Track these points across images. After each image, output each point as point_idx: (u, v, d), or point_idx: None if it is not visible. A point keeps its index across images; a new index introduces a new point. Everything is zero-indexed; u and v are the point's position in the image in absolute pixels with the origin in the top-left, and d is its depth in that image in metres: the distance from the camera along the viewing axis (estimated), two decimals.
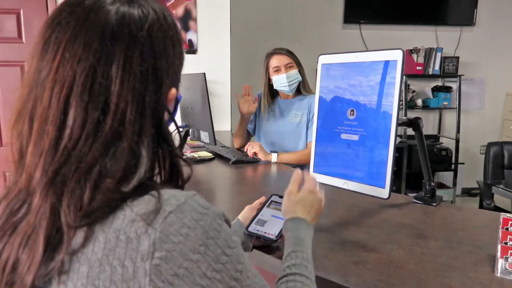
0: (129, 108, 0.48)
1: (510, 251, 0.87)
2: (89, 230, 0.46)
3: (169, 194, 0.48)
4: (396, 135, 0.95)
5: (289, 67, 2.08)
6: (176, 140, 0.57)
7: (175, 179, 0.56)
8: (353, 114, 1.03)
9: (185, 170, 0.57)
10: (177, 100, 0.58)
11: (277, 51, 2.11)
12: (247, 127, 2.32)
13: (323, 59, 1.12)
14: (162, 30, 0.53)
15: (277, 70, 2.09)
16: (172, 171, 0.55)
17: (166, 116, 0.55)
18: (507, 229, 0.90)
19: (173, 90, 0.56)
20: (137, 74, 0.49)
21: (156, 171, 0.54)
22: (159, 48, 0.52)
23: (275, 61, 2.09)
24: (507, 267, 0.85)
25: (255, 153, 2.00)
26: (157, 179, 0.54)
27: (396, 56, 0.94)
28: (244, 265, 0.51)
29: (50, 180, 0.47)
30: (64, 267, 0.46)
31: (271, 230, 0.94)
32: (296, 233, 0.76)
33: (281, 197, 1.04)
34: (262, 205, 1.02)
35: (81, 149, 0.47)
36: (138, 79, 0.49)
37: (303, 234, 0.76)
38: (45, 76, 0.48)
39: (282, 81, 2.08)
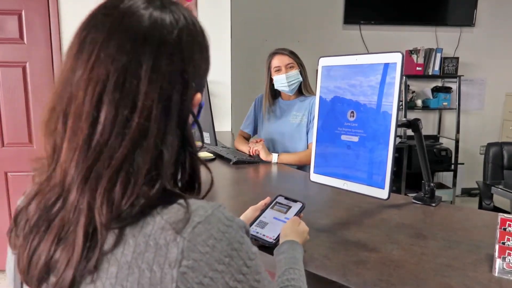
0: (155, 105, 0.50)
1: (508, 251, 0.88)
2: (120, 232, 0.48)
3: (197, 204, 0.51)
4: (396, 136, 0.96)
5: (290, 67, 2.09)
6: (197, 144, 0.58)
7: (193, 184, 0.57)
8: (353, 116, 1.04)
9: (207, 177, 0.59)
10: (200, 106, 0.60)
11: (279, 51, 2.12)
12: (247, 130, 2.35)
13: (324, 61, 1.13)
14: (191, 35, 0.55)
15: (278, 70, 2.10)
16: (192, 175, 0.56)
17: (190, 119, 0.56)
18: (504, 229, 0.92)
19: (198, 95, 0.57)
20: (165, 75, 0.51)
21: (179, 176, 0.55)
22: (187, 52, 0.54)
23: (276, 61, 2.11)
24: (505, 267, 0.86)
25: (256, 150, 2.02)
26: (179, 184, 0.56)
27: (396, 58, 0.95)
28: (262, 275, 0.53)
29: (84, 176, 0.48)
30: (96, 266, 0.47)
31: (270, 233, 0.95)
32: (292, 254, 0.83)
33: (286, 198, 1.05)
34: (266, 206, 1.03)
35: (112, 145, 0.48)
36: (166, 80, 0.51)
37: (298, 255, 0.84)
38: (80, 75, 0.50)
39: (282, 81, 2.10)
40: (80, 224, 0.48)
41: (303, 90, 2.16)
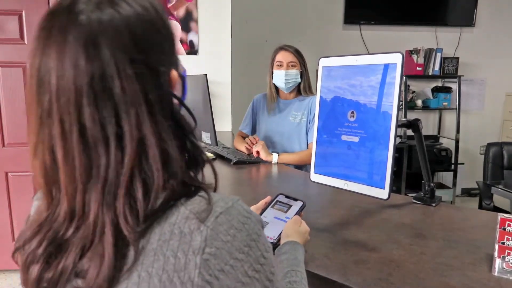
0: (138, 111, 0.49)
1: (507, 250, 0.89)
2: (148, 220, 0.49)
3: (217, 197, 0.53)
4: (396, 136, 0.96)
5: (292, 65, 2.10)
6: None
7: (196, 167, 0.56)
8: (353, 116, 1.05)
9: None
10: (183, 78, 0.58)
11: (285, 47, 2.14)
12: (245, 130, 2.36)
13: (324, 62, 1.13)
14: (141, 21, 0.51)
15: (280, 65, 2.12)
16: (196, 159, 0.56)
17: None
18: (504, 229, 0.92)
19: (173, 73, 0.55)
20: (132, 75, 0.48)
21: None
22: (144, 42, 0.50)
23: (280, 56, 2.13)
24: (505, 267, 0.87)
25: (257, 152, 2.03)
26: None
27: (396, 59, 0.96)
28: (275, 269, 0.55)
29: (99, 195, 0.48)
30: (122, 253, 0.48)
31: (271, 233, 0.95)
32: (294, 255, 0.84)
33: (287, 197, 1.05)
34: (267, 206, 1.03)
35: (114, 164, 0.48)
36: (135, 80, 0.49)
37: (300, 256, 0.84)
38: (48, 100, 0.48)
39: (280, 77, 2.11)
40: (107, 236, 0.48)
41: (301, 91, 2.17)
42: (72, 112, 0.47)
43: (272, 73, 2.16)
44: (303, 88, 2.16)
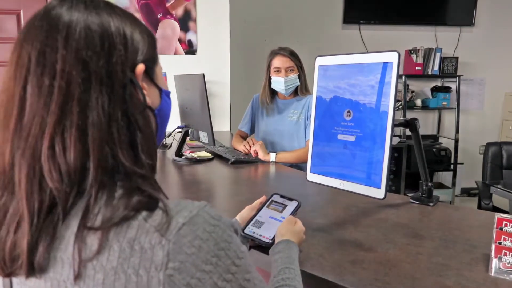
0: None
1: (504, 250, 0.88)
2: (104, 237, 0.47)
3: (181, 205, 0.50)
4: (392, 136, 0.96)
5: (290, 70, 2.10)
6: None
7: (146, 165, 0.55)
8: (349, 115, 1.04)
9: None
10: (152, 64, 0.59)
11: (281, 52, 2.12)
12: (244, 129, 2.36)
13: (320, 61, 1.13)
14: (80, 30, 0.51)
15: (277, 71, 2.12)
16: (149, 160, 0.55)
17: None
18: (501, 229, 0.91)
19: (140, 66, 0.54)
20: (87, 88, 0.49)
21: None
22: (84, 51, 0.50)
23: (277, 61, 2.12)
24: (501, 267, 0.86)
25: (255, 152, 2.02)
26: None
27: (392, 58, 0.95)
28: (251, 274, 0.53)
29: (23, 151, 0.50)
30: (79, 273, 0.47)
31: (266, 233, 0.95)
32: (288, 253, 0.83)
33: (282, 196, 1.04)
34: (262, 205, 1.03)
35: (39, 116, 0.49)
36: (93, 92, 0.49)
37: (294, 255, 0.83)
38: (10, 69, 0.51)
39: (279, 84, 2.12)
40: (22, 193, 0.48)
41: (299, 91, 2.18)
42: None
43: (270, 77, 2.16)
44: (300, 90, 2.18)
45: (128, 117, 0.52)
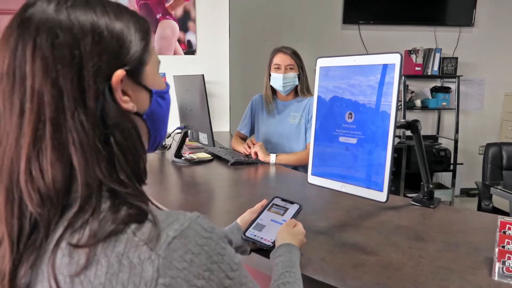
0: (79, 139, 0.47)
1: (507, 254, 0.87)
2: (91, 252, 0.45)
3: (173, 217, 0.48)
4: (394, 138, 0.95)
5: (290, 68, 2.10)
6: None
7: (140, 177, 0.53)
8: (351, 117, 1.03)
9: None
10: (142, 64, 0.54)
11: (282, 50, 2.13)
12: (244, 131, 2.35)
13: (321, 62, 1.12)
14: (47, 37, 0.48)
15: (277, 68, 2.11)
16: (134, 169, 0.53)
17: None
18: (504, 232, 0.91)
19: (118, 72, 0.50)
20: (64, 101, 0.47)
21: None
22: (52, 65, 0.47)
23: (278, 58, 2.12)
24: (505, 271, 0.85)
25: (255, 153, 2.01)
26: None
27: (394, 59, 0.94)
28: (246, 285, 0.51)
29: None
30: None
31: (267, 236, 0.94)
32: (289, 257, 0.82)
33: (283, 200, 1.04)
34: (263, 208, 1.02)
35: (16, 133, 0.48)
36: (67, 109, 0.47)
37: (295, 258, 0.82)
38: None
39: (277, 80, 2.11)
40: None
41: (299, 92, 2.16)
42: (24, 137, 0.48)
43: (270, 75, 2.16)
44: (300, 90, 2.16)
45: (105, 133, 0.49)
